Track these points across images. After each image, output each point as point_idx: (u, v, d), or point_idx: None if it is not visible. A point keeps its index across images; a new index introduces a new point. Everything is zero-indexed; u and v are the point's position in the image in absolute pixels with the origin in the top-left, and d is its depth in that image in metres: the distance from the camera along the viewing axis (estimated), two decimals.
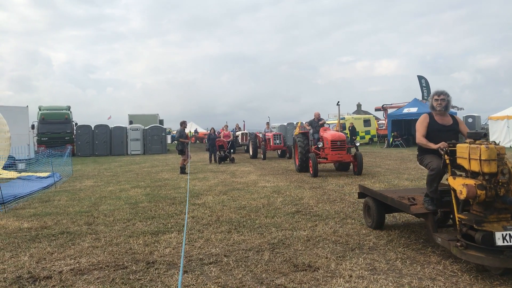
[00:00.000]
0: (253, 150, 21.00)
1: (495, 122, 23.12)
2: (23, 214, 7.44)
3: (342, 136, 12.37)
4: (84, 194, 9.71)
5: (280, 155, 21.08)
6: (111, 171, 15.80)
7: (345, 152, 12.05)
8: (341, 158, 12.00)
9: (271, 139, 20.47)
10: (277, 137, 20.64)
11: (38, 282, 4.04)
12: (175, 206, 7.77)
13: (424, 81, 25.91)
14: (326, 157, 12.16)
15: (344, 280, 3.81)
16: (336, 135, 12.34)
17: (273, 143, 20.34)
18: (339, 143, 12.04)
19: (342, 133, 12.98)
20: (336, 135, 12.28)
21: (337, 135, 12.36)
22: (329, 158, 12.02)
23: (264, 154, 19.71)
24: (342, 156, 11.96)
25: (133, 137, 28.96)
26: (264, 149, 19.89)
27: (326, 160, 12.22)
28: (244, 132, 25.76)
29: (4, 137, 14.40)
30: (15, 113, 20.47)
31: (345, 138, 12.33)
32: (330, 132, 12.73)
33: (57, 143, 26.00)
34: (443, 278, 3.80)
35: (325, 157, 12.27)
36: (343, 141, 12.11)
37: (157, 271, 4.22)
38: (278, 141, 20.43)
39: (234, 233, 5.60)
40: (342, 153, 12.00)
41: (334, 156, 11.95)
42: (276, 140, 20.41)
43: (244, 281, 3.88)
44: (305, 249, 4.81)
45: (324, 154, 12.32)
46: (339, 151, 11.98)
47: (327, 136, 12.34)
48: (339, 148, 12.02)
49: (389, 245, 4.84)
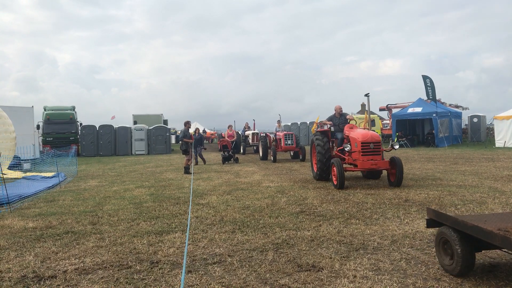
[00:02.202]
0: (263, 152, 19.41)
1: (501, 122, 22.98)
2: (28, 214, 7.48)
3: (375, 136, 9.55)
4: (89, 194, 9.75)
5: (293, 157, 19.39)
6: (115, 171, 15.85)
7: (380, 157, 9.30)
8: (376, 166, 9.18)
9: (282, 139, 18.44)
10: (289, 137, 18.56)
11: (43, 282, 4.05)
12: (179, 206, 7.78)
13: (428, 80, 25.77)
14: (355, 163, 9.46)
15: (348, 280, 3.80)
16: (368, 134, 9.47)
17: (284, 143, 18.28)
18: (372, 146, 9.24)
19: (375, 132, 9.99)
20: (368, 135, 9.42)
21: (370, 134, 9.48)
22: (360, 165, 9.23)
23: (274, 156, 17.97)
24: (376, 163, 9.15)
25: (137, 137, 29.08)
26: (274, 150, 18.15)
27: (355, 168, 9.55)
28: (254, 132, 24.43)
29: (9, 137, 14.48)
30: (20, 113, 20.64)
31: (380, 139, 9.54)
32: (359, 131, 9.88)
33: (62, 143, 26.14)
34: (448, 279, 3.78)
35: (353, 163, 9.59)
36: (378, 143, 9.35)
37: (161, 271, 4.23)
38: (290, 142, 18.34)
39: (238, 233, 5.60)
40: (377, 159, 9.22)
41: (366, 163, 9.16)
42: (288, 141, 18.34)
43: (248, 281, 3.87)
44: (309, 249, 4.80)
45: (352, 159, 9.60)
46: (373, 156, 9.21)
47: (356, 136, 9.56)
48: (373, 152, 9.25)
49: (394, 246, 4.82)
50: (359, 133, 9.57)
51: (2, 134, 14.05)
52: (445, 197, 7.71)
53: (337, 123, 11.00)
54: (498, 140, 23.10)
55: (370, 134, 9.49)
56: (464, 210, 6.52)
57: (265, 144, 19.42)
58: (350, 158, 9.69)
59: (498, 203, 7.06)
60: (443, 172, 11.68)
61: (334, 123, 11.01)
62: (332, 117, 11.20)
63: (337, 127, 10.94)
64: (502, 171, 11.38)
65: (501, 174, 10.85)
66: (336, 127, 10.98)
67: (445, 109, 28.10)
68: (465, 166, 13.07)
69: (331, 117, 11.21)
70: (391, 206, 7.09)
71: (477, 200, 7.32)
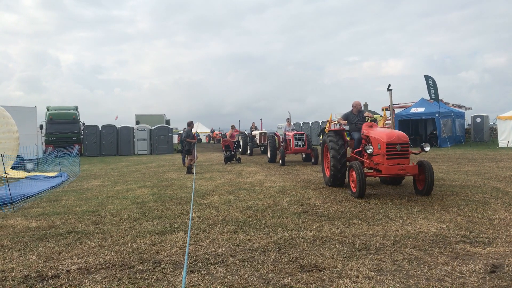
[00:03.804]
0: (271, 153, 17.57)
1: (504, 122, 22.89)
2: (31, 214, 7.50)
3: (403, 136, 8.03)
4: (92, 194, 9.78)
5: (305, 159, 17.38)
6: (118, 171, 15.89)
7: (408, 160, 7.90)
8: (404, 171, 7.74)
9: (291, 140, 16.46)
10: (299, 137, 16.44)
11: (46, 281, 4.07)
12: (181, 206, 7.79)
13: (431, 80, 25.69)
14: (377, 168, 8.13)
15: (350, 281, 3.79)
16: (394, 134, 8.02)
17: (294, 145, 16.28)
18: (399, 147, 7.82)
19: (402, 132, 8.32)
20: (394, 135, 7.98)
21: (396, 134, 8.03)
22: (385, 170, 7.78)
23: (283, 158, 15.98)
24: (405, 168, 7.71)
25: (140, 137, 29.13)
26: (282, 152, 16.23)
27: (379, 174, 8.09)
28: (262, 132, 22.83)
29: (13, 137, 14.54)
30: (23, 113, 20.70)
31: (408, 140, 8.04)
32: (382, 130, 8.47)
33: (64, 143, 26.24)
34: (450, 279, 3.77)
35: (375, 167, 8.27)
36: (406, 145, 7.93)
37: (163, 271, 4.24)
38: (301, 143, 16.31)
39: (240, 233, 5.61)
40: (405, 163, 7.80)
41: (392, 168, 7.70)
42: (298, 142, 16.31)
43: (250, 281, 3.88)
44: (311, 249, 4.80)
45: (373, 163, 8.27)
46: (400, 160, 7.80)
47: (379, 136, 8.18)
48: (400, 155, 7.83)
49: (396, 246, 4.81)
50: (383, 133, 8.16)
51: (5, 134, 14.10)
52: (448, 197, 7.69)
53: (354, 121, 9.64)
54: (501, 140, 23.01)
55: (396, 134, 8.05)
56: (467, 211, 6.50)
57: (274, 145, 17.73)
58: (372, 161, 8.33)
59: (501, 203, 7.04)
60: (446, 172, 11.65)
61: (350, 121, 9.71)
62: (348, 114, 9.83)
63: (353, 125, 9.62)
64: (505, 171, 11.34)
65: (504, 174, 10.81)
66: (352, 125, 9.66)
67: (448, 109, 28.02)
68: (468, 166, 13.03)
69: (347, 114, 9.83)
70: (393, 206, 7.08)
71: (480, 201, 7.30)
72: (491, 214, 6.25)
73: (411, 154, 8.13)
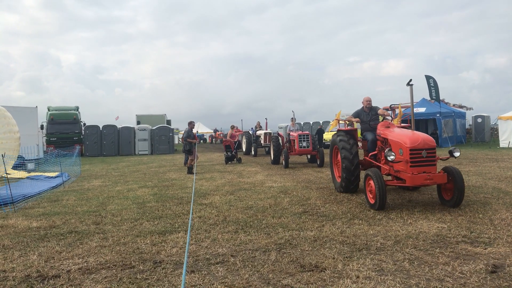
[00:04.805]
0: (275, 154, 16.69)
1: (505, 122, 22.86)
2: (32, 214, 7.51)
3: (429, 140, 6.87)
4: (92, 194, 9.78)
5: (310, 161, 16.51)
6: (119, 171, 15.90)
7: (435, 168, 6.76)
8: (431, 181, 6.58)
9: (296, 141, 15.57)
10: (304, 138, 15.56)
11: (47, 281, 4.07)
12: (182, 206, 7.79)
13: (432, 80, 25.67)
14: (399, 176, 6.98)
15: (351, 281, 3.79)
16: (419, 138, 6.84)
17: (298, 146, 15.40)
18: (425, 153, 6.68)
19: (427, 135, 7.14)
20: (419, 139, 6.81)
21: (421, 138, 6.85)
22: (409, 180, 6.63)
23: (286, 160, 15.05)
24: (432, 177, 6.56)
25: (140, 137, 29.13)
26: (286, 153, 15.24)
27: (402, 183, 6.91)
28: (267, 132, 22.05)
29: (13, 137, 14.54)
30: (24, 113, 20.71)
31: (435, 144, 6.88)
32: (403, 132, 7.30)
33: (65, 143, 26.26)
34: (451, 280, 3.76)
35: (395, 175, 7.12)
36: (433, 150, 6.79)
37: (164, 271, 4.24)
38: (305, 144, 15.46)
39: (241, 233, 5.60)
40: (431, 171, 6.67)
41: (418, 178, 6.55)
42: (302, 142, 15.44)
43: (250, 281, 3.88)
44: (312, 249, 4.79)
45: (393, 170, 7.16)
46: (426, 168, 6.67)
47: (400, 139, 7.02)
48: (426, 162, 6.70)
49: (397, 246, 4.81)
50: (405, 136, 7.01)
51: (6, 134, 14.11)
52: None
53: (366, 120, 8.62)
54: (503, 140, 22.98)
55: (421, 137, 6.86)
56: (468, 211, 6.49)
57: (277, 146, 16.83)
58: (391, 168, 7.23)
59: (502, 203, 7.03)
60: None
61: (362, 119, 8.69)
62: (359, 111, 8.82)
63: (366, 125, 8.60)
64: (507, 172, 11.33)
65: (505, 174, 10.80)
66: (365, 125, 8.65)
67: (449, 109, 27.99)
68: (469, 167, 13.01)
69: (359, 111, 8.85)
70: (394, 206, 7.07)
71: (481, 201, 7.29)
72: (492, 214, 6.24)
73: (438, 160, 6.99)
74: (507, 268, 4.00)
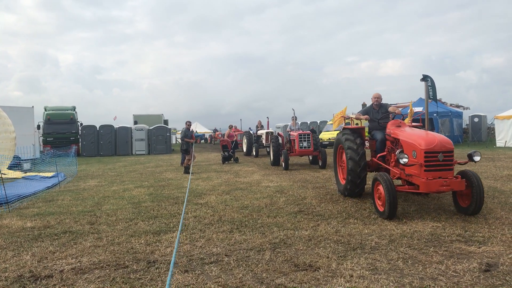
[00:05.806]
0: (275, 155, 15.77)
1: (502, 121, 22.93)
2: (26, 214, 7.48)
3: (446, 142, 6.18)
4: (88, 194, 9.75)
5: (312, 162, 15.83)
6: (115, 171, 15.86)
7: (452, 173, 6.11)
8: (448, 187, 5.93)
9: (296, 141, 14.78)
10: (304, 138, 14.74)
11: (39, 281, 4.05)
12: (177, 206, 7.77)
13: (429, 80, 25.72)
14: (412, 181, 6.33)
15: (344, 280, 3.78)
16: (435, 139, 6.19)
17: (299, 146, 14.60)
18: (441, 157, 6.02)
19: (444, 136, 6.46)
20: (435, 140, 6.16)
21: (437, 139, 6.18)
22: (423, 186, 5.99)
23: (286, 161, 14.20)
24: (450, 183, 5.91)
25: (137, 137, 29.09)
26: (285, 154, 14.40)
27: (415, 189, 6.27)
28: (269, 131, 21.20)
29: (9, 137, 14.50)
30: (20, 113, 20.67)
31: (452, 147, 6.16)
32: (417, 133, 6.62)
33: (62, 143, 26.16)
34: (444, 278, 3.76)
35: (406, 179, 6.51)
36: (450, 153, 6.12)
37: (157, 271, 4.22)
38: (306, 144, 14.63)
39: (235, 233, 5.59)
40: (448, 176, 6.02)
41: (433, 184, 5.91)
42: (303, 142, 14.64)
43: (244, 281, 3.87)
44: (306, 248, 4.79)
45: (405, 173, 6.49)
46: (442, 172, 6.03)
47: (414, 140, 6.37)
48: (443, 166, 6.06)
49: (391, 245, 4.80)
50: (420, 137, 6.33)
51: (2, 134, 14.06)
52: (444, 196, 7.69)
53: (375, 118, 8.00)
54: (499, 140, 23.05)
55: (437, 139, 6.19)
56: None
57: (277, 146, 15.98)
58: (402, 171, 6.58)
59: (497, 202, 7.04)
60: None
61: (371, 118, 8.08)
62: (368, 109, 8.20)
63: (375, 123, 8.01)
64: (502, 171, 11.35)
65: (501, 173, 10.82)
66: (373, 123, 8.06)
67: (446, 108, 28.04)
68: (465, 166, 13.03)
69: (367, 109, 8.22)
70: None
71: None
72: (487, 213, 6.25)
73: (455, 164, 6.31)
74: (500, 266, 4.01)
